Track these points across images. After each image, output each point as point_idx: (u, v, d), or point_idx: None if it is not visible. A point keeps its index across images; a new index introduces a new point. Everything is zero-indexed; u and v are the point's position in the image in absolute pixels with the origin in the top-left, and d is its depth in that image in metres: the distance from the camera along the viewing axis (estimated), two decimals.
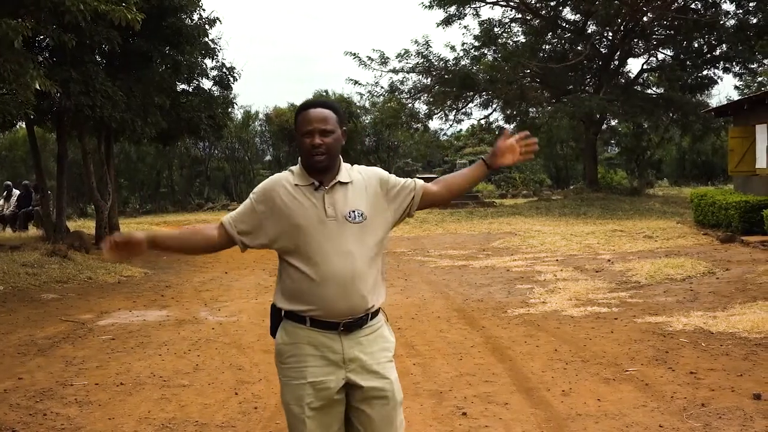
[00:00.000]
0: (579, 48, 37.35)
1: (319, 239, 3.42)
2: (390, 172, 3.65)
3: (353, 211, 3.47)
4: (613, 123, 42.37)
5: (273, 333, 3.60)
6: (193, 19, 21.35)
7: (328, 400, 3.43)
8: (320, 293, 3.40)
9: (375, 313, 3.55)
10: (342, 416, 3.50)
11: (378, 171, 3.69)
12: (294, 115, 3.64)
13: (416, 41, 37.53)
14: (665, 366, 7.46)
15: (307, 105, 3.58)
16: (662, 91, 37.53)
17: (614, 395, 6.54)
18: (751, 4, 33.97)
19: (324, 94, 51.16)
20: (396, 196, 3.63)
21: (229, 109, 27.24)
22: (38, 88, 13.10)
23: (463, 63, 37.80)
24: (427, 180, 3.72)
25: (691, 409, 6.08)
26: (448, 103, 39.10)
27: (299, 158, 3.59)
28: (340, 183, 3.53)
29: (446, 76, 37.51)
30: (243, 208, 3.59)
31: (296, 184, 3.52)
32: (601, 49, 38.01)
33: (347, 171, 3.59)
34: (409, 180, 3.72)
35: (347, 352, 3.44)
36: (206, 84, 24.61)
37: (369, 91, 40.21)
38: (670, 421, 5.82)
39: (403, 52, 37.75)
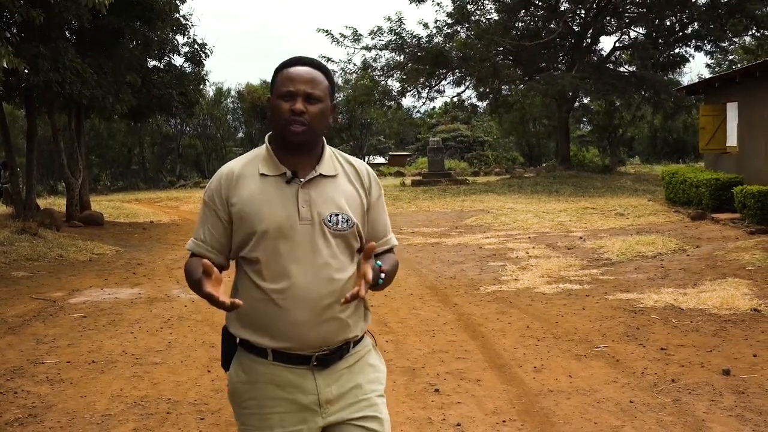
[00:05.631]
0: (552, 26, 37.43)
1: (287, 249, 2.63)
2: (363, 150, 3.02)
3: (336, 215, 2.67)
4: (585, 101, 42.56)
5: (225, 365, 2.83)
6: None
7: None
8: (285, 319, 2.63)
9: (358, 340, 2.80)
10: None
11: (377, 179, 2.88)
12: (273, 74, 2.78)
13: (389, 18, 37.50)
14: (636, 342, 7.52)
15: (294, 61, 2.73)
16: (634, 69, 37.70)
17: (585, 371, 6.59)
18: None
19: None
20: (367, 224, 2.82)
21: (201, 86, 27.15)
22: (6, 66, 12.93)
23: (436, 40, 37.77)
24: (398, 158, 2.97)
25: (661, 384, 6.14)
26: (421, 80, 39.07)
27: (267, 136, 2.80)
28: (323, 176, 2.71)
29: (419, 54, 37.47)
30: (201, 217, 2.83)
31: (262, 174, 2.70)
32: (574, 27, 38.10)
33: (331, 160, 2.78)
34: (391, 233, 2.93)
35: (324, 392, 2.69)
36: (177, 60, 24.53)
37: (342, 69, 40.15)
38: (641, 396, 5.86)
39: (375, 29, 37.74)
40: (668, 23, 37.24)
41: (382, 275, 2.65)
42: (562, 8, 37.57)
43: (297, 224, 2.64)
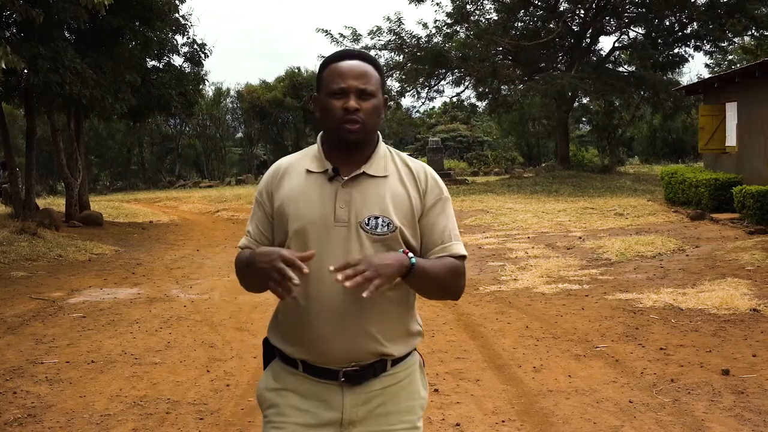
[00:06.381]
0: (551, 26, 37.40)
1: (318, 252, 2.41)
2: None
3: (375, 218, 2.45)
4: (584, 101, 42.52)
5: None
6: None
7: None
8: (310, 328, 2.47)
9: (399, 359, 2.59)
10: None
11: (437, 183, 2.62)
12: (318, 70, 2.59)
13: (388, 18, 37.49)
14: (635, 342, 7.52)
15: (341, 55, 2.55)
16: (633, 69, 37.67)
17: (585, 371, 6.59)
18: None
19: (296, 71, 50.96)
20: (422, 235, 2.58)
21: (200, 86, 27.18)
22: (4, 67, 12.90)
23: (435, 40, 37.75)
24: None
25: (660, 384, 6.14)
26: (421, 80, 39.06)
27: (319, 136, 2.63)
28: (367, 175, 2.51)
29: (418, 54, 37.46)
30: (253, 215, 2.65)
31: (308, 170, 2.55)
32: (573, 27, 38.08)
33: (384, 159, 2.57)
34: (456, 240, 2.59)
35: (349, 412, 2.51)
36: (177, 60, 24.58)
37: None
38: (640, 396, 5.87)
39: (375, 29, 37.74)
40: (667, 23, 37.22)
41: (412, 256, 2.40)
42: (562, 8, 37.55)
43: (331, 225, 2.46)
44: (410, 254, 2.41)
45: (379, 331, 2.49)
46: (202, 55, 24.82)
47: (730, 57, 43.48)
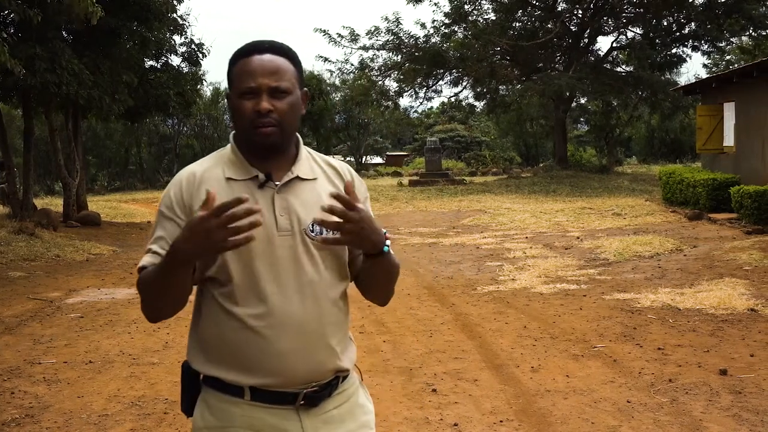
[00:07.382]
0: (549, 26, 37.45)
1: (265, 266, 2.22)
2: (360, 150, 2.40)
3: (319, 223, 2.16)
4: (582, 101, 42.57)
5: (187, 410, 2.39)
6: None
7: None
8: (268, 350, 2.21)
9: (346, 376, 2.40)
10: None
11: (361, 180, 2.46)
12: (228, 64, 2.32)
13: (386, 18, 37.56)
14: (633, 342, 7.52)
15: (249, 49, 2.28)
16: (631, 69, 37.72)
17: (583, 371, 6.59)
18: None
19: None
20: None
21: (198, 86, 27.15)
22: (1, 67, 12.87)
23: (433, 40, 37.80)
24: (396, 158, 2.37)
25: (658, 384, 6.14)
26: (419, 80, 39.12)
27: (231, 135, 2.37)
28: (300, 179, 2.31)
29: (416, 54, 37.51)
30: (157, 231, 2.33)
31: (228, 178, 2.28)
32: (571, 27, 38.13)
33: (309, 161, 2.38)
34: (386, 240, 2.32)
35: None
36: (175, 60, 24.51)
37: (339, 69, 40.22)
38: (638, 396, 5.87)
39: (373, 29, 37.80)
40: (665, 23, 37.30)
41: (388, 242, 2.24)
42: (560, 8, 37.61)
43: (275, 236, 2.23)
44: (387, 240, 2.26)
45: (337, 343, 2.31)
46: (200, 55, 24.81)
47: (728, 57, 43.56)
